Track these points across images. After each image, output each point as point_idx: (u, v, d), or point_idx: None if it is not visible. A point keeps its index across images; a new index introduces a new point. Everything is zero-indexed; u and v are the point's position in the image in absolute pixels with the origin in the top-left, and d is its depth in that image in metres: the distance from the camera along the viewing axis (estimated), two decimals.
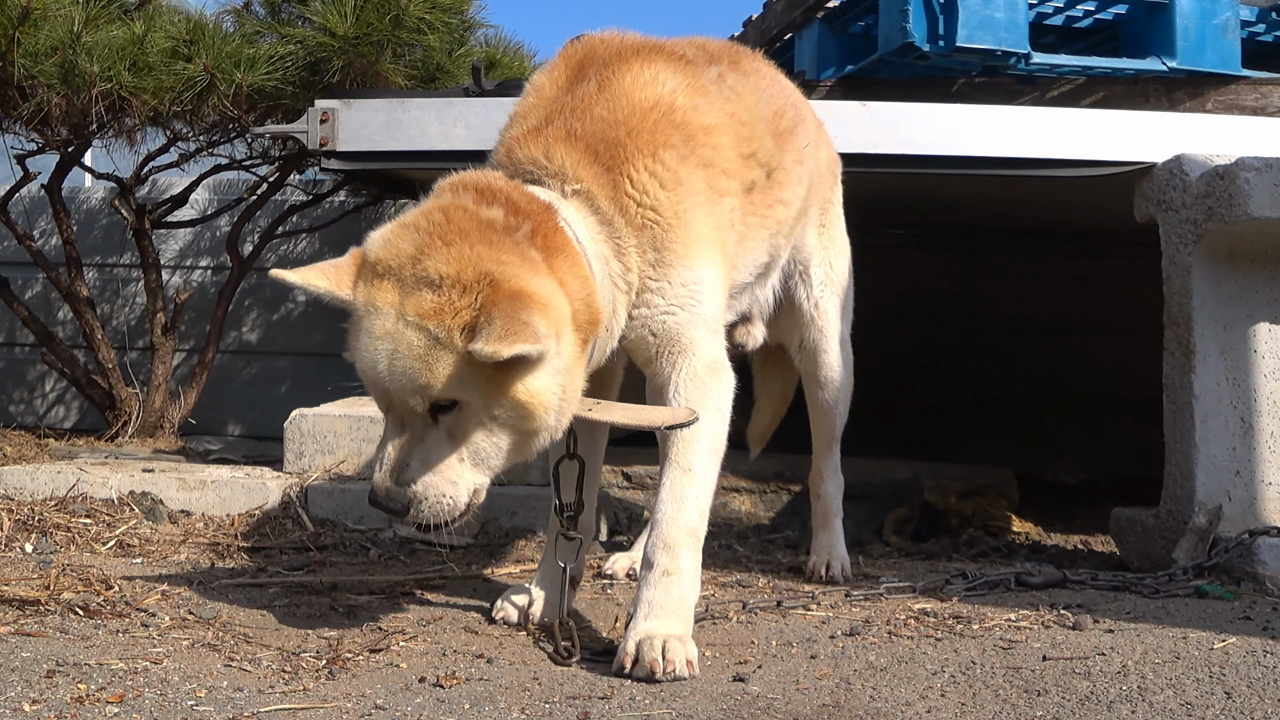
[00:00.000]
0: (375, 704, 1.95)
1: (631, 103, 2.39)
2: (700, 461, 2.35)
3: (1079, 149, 3.64)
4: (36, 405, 6.49)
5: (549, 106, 2.43)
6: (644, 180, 2.35)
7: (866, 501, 3.97)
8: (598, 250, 2.32)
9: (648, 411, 2.38)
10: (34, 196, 6.03)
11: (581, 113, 2.38)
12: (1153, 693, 2.04)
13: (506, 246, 2.14)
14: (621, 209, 2.35)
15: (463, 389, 2.10)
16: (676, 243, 2.37)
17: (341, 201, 6.16)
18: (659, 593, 2.26)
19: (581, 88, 2.44)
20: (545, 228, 2.21)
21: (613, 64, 2.46)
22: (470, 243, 2.11)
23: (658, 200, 2.35)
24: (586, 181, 2.33)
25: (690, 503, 2.33)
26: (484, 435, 2.16)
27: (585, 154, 2.34)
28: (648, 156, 2.35)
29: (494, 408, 2.13)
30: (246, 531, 3.48)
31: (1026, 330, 5.79)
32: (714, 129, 2.47)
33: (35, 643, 2.23)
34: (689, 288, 2.39)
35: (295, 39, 4.42)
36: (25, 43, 4.25)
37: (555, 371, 2.14)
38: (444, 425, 2.15)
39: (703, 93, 2.49)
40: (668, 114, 2.41)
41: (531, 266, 2.14)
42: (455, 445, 2.16)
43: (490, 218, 2.16)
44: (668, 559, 2.29)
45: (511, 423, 2.15)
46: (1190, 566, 3.00)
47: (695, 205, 2.39)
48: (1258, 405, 3.20)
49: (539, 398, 2.13)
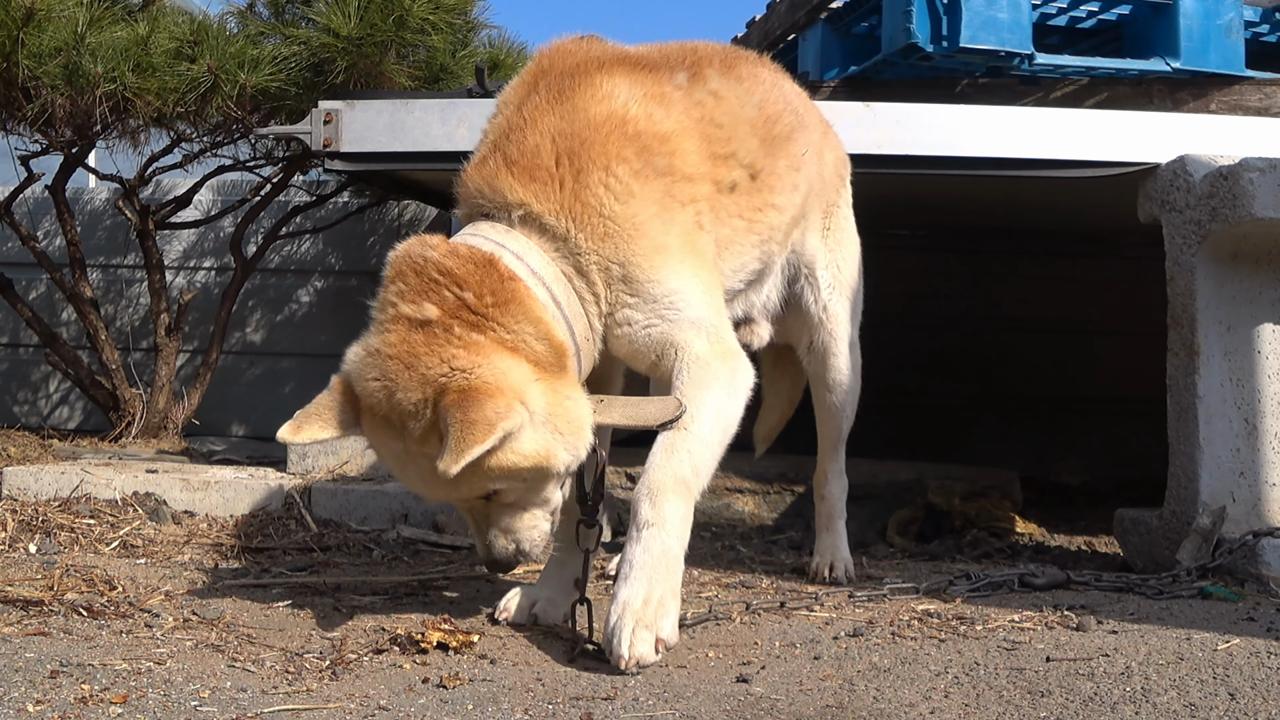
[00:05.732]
0: (379, 705, 1.95)
1: (585, 117, 2.41)
2: (699, 424, 2.34)
3: (1083, 150, 3.63)
4: (40, 406, 6.50)
5: (500, 129, 2.49)
6: (599, 194, 2.37)
7: (870, 502, 3.97)
8: (554, 273, 2.37)
9: (644, 408, 2.40)
10: (38, 197, 6.05)
11: (525, 131, 2.42)
12: (1156, 694, 2.04)
13: (448, 344, 2.21)
14: (578, 223, 2.37)
15: (485, 482, 2.26)
16: (640, 256, 2.39)
17: (345, 202, 6.16)
18: (639, 549, 2.25)
19: (532, 101, 2.48)
20: (489, 284, 2.26)
21: (569, 76, 2.49)
22: (420, 358, 2.20)
23: (614, 212, 2.38)
24: (531, 203, 2.37)
25: (682, 455, 2.31)
26: (527, 493, 2.33)
27: (523, 177, 2.38)
28: (600, 170, 2.38)
29: (514, 478, 2.27)
30: (250, 532, 3.48)
31: (1030, 331, 5.79)
32: (671, 135, 2.47)
33: (39, 643, 2.24)
34: (661, 301, 2.40)
35: (299, 40, 4.43)
36: (29, 44, 4.26)
37: (538, 424, 2.24)
38: (496, 501, 2.34)
39: (660, 100, 2.50)
40: (620, 126, 2.42)
41: (474, 351, 2.21)
42: (514, 509, 2.36)
43: (426, 318, 2.23)
44: (650, 509, 2.27)
45: (537, 475, 2.30)
46: (1194, 568, 3.00)
47: (652, 216, 2.40)
48: (1262, 406, 3.20)
49: (539, 453, 2.25)
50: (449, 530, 3.56)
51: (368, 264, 6.24)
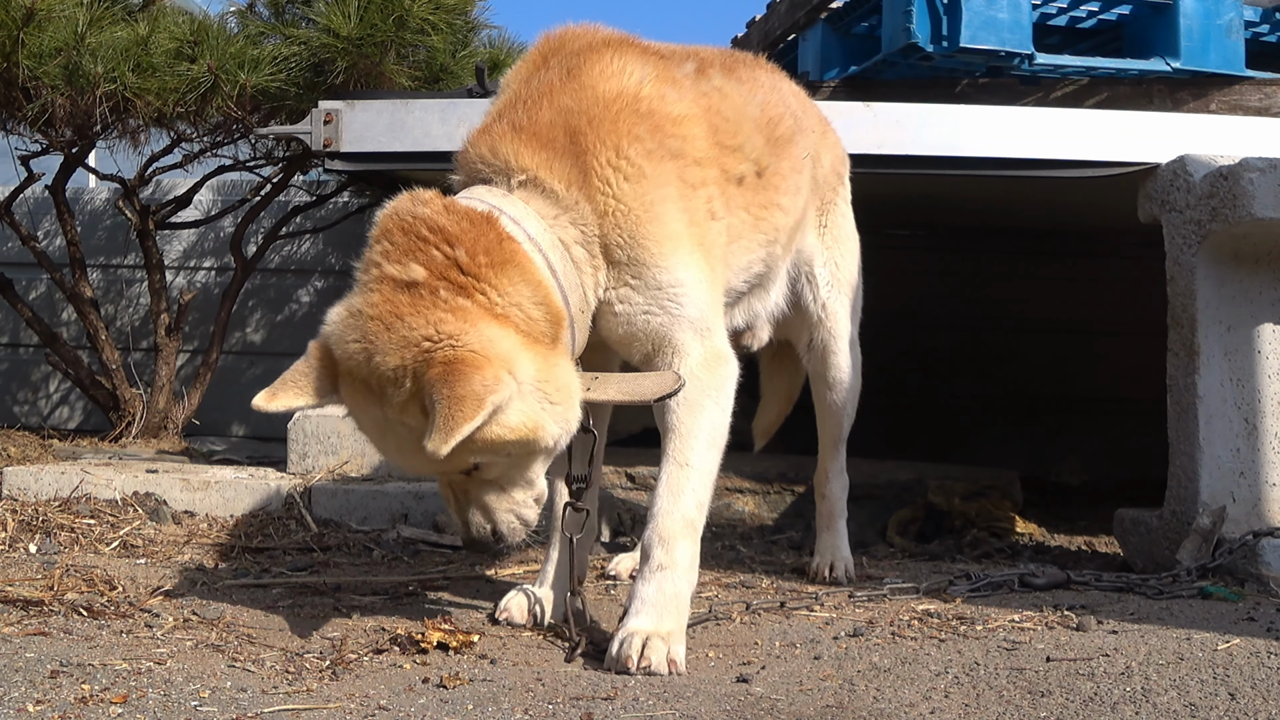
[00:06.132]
0: (379, 704, 1.95)
1: (595, 92, 2.37)
2: (697, 455, 2.35)
3: (1083, 150, 3.64)
4: (40, 406, 6.50)
5: (506, 101, 2.44)
6: (608, 172, 2.32)
7: (870, 502, 3.97)
8: (551, 240, 2.30)
9: (640, 382, 2.36)
10: (38, 197, 6.04)
11: (534, 103, 2.37)
12: (1156, 694, 2.04)
13: (435, 307, 2.13)
14: (587, 195, 2.32)
15: (467, 455, 2.17)
16: (648, 239, 2.34)
17: (345, 202, 6.16)
18: (651, 588, 2.28)
19: (541, 76, 2.43)
20: (484, 243, 2.19)
21: (581, 54, 2.45)
22: (404, 320, 2.11)
23: (623, 191, 2.32)
24: (533, 169, 2.31)
25: (687, 495, 2.33)
26: (511, 469, 2.27)
27: (530, 143, 2.32)
28: (610, 149, 2.33)
29: (499, 453, 2.21)
30: (250, 532, 3.48)
31: (1030, 331, 5.78)
32: (684, 119, 2.43)
33: (39, 643, 2.23)
34: (665, 290, 2.36)
35: (299, 40, 4.42)
36: (30, 44, 4.25)
37: (526, 395, 2.17)
38: (477, 477, 2.27)
39: (672, 83, 2.47)
40: (632, 103, 2.37)
41: (461, 317, 2.12)
42: (497, 486, 2.28)
43: (412, 279, 2.15)
44: (662, 553, 2.30)
45: (524, 450, 2.23)
46: (1194, 568, 3.00)
47: (663, 198, 2.35)
48: (1262, 406, 3.20)
49: (525, 425, 2.17)
50: (449, 530, 3.56)
51: None
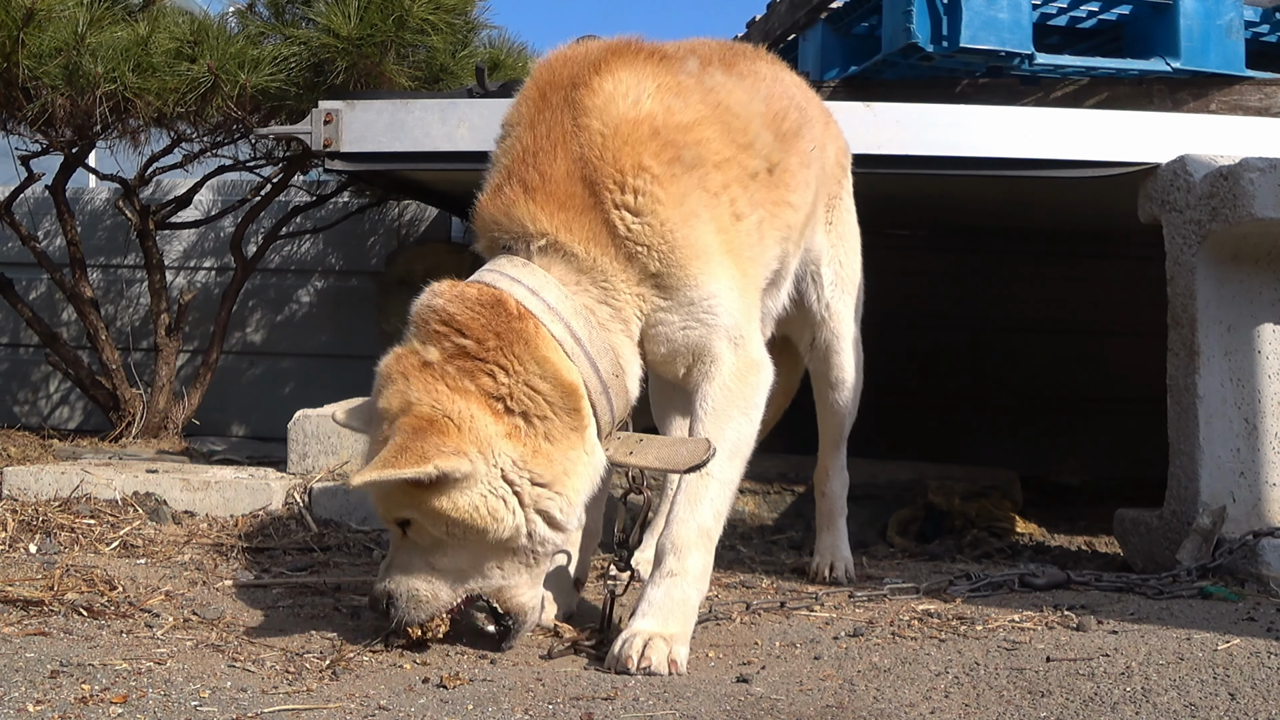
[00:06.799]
0: (379, 704, 1.95)
1: (598, 127, 2.33)
2: (719, 466, 2.35)
3: (1083, 150, 3.64)
4: (41, 406, 6.49)
5: (513, 153, 2.39)
6: (620, 214, 2.30)
7: (870, 502, 3.97)
8: (573, 308, 2.29)
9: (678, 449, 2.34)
10: (38, 197, 6.04)
11: (544, 156, 2.33)
12: (1156, 694, 2.04)
13: (439, 380, 2.20)
14: (602, 248, 2.30)
15: (400, 508, 2.22)
16: (674, 266, 2.33)
17: (345, 202, 6.16)
18: (660, 592, 2.29)
19: (544, 119, 2.38)
20: (493, 326, 2.22)
21: (574, 87, 2.39)
22: (411, 381, 2.23)
23: (645, 233, 2.30)
24: (552, 233, 2.30)
25: (704, 505, 2.34)
26: (448, 549, 2.24)
27: (545, 205, 2.30)
28: (628, 193, 2.30)
29: (435, 525, 2.21)
30: (250, 532, 3.48)
31: (1030, 331, 5.78)
32: (694, 124, 2.39)
33: (39, 643, 2.23)
34: (698, 305, 2.36)
35: (299, 40, 4.42)
36: (30, 44, 4.25)
37: (489, 482, 2.18)
38: (410, 536, 2.26)
39: (677, 90, 2.42)
40: (634, 128, 2.33)
41: (457, 393, 2.19)
42: (424, 555, 2.26)
43: (428, 360, 2.23)
44: (674, 560, 2.31)
45: (467, 536, 2.21)
46: (1194, 568, 3.00)
47: (686, 216, 2.33)
48: (1262, 406, 3.20)
49: (472, 513, 2.18)
50: None
51: (368, 264, 6.24)
